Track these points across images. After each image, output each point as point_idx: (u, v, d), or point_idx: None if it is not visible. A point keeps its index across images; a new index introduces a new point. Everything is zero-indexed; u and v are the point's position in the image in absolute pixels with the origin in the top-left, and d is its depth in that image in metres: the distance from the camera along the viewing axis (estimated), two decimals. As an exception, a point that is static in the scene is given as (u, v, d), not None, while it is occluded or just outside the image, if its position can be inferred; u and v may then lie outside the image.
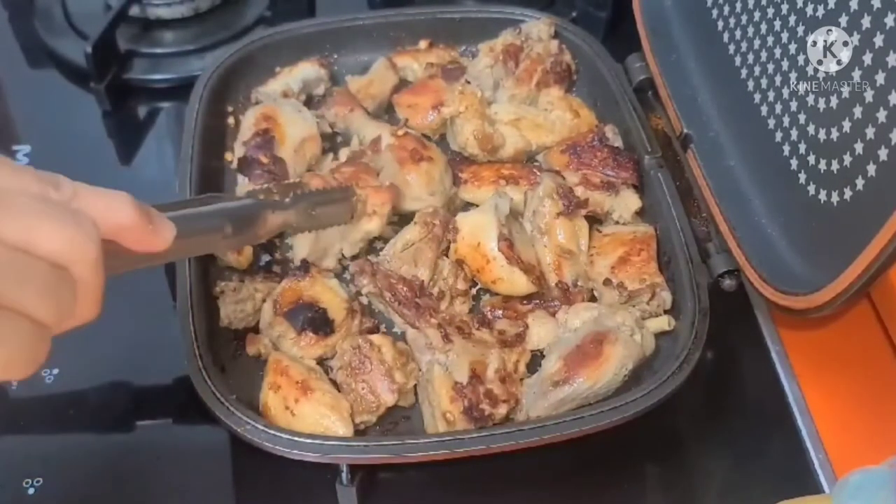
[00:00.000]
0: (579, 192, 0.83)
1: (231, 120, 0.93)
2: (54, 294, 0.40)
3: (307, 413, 0.69)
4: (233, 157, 0.90)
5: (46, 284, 0.40)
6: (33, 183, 0.42)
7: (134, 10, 1.05)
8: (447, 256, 0.80)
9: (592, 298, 0.79)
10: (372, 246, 0.83)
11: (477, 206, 0.83)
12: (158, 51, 1.05)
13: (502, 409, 0.70)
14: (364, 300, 0.79)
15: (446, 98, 0.89)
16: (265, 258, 0.82)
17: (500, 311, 0.77)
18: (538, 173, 0.85)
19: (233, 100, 0.94)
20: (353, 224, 0.79)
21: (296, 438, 0.66)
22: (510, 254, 0.77)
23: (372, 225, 0.80)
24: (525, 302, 0.78)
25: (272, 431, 0.66)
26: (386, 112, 0.95)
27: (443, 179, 0.85)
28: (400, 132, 0.87)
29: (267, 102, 0.90)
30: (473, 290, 0.80)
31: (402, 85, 0.95)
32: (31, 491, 0.70)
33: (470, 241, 0.79)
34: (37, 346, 0.40)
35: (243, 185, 0.84)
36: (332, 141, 0.92)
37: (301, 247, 0.80)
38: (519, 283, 0.77)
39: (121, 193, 0.45)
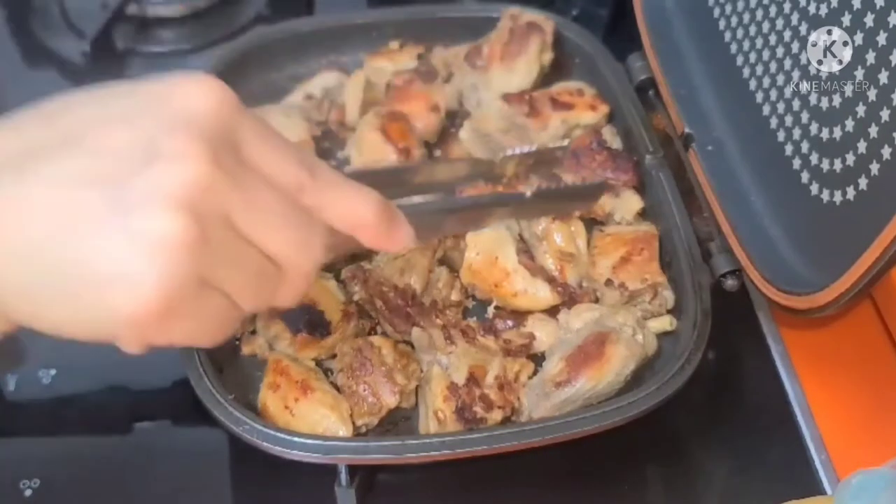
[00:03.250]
0: (579, 192, 0.83)
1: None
2: (260, 287, 0.42)
3: (307, 413, 0.69)
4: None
5: (257, 277, 0.42)
6: (290, 172, 0.43)
7: (131, 9, 1.04)
8: (443, 265, 0.80)
9: (597, 299, 0.78)
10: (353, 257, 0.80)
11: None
12: (156, 49, 1.05)
13: (496, 415, 0.69)
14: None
15: (437, 99, 0.89)
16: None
17: (510, 322, 0.76)
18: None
19: (231, 98, 0.93)
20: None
21: (294, 438, 0.65)
22: (532, 265, 0.76)
23: None
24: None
25: (270, 431, 0.66)
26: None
27: None
28: None
29: (253, 109, 0.89)
30: (470, 304, 0.79)
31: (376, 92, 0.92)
32: (27, 493, 0.70)
33: (486, 258, 0.77)
34: (227, 324, 0.43)
35: None
36: (319, 145, 0.90)
37: None
38: (542, 294, 0.76)
39: (369, 195, 0.46)
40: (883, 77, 0.62)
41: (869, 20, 0.63)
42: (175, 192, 0.38)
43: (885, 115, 0.62)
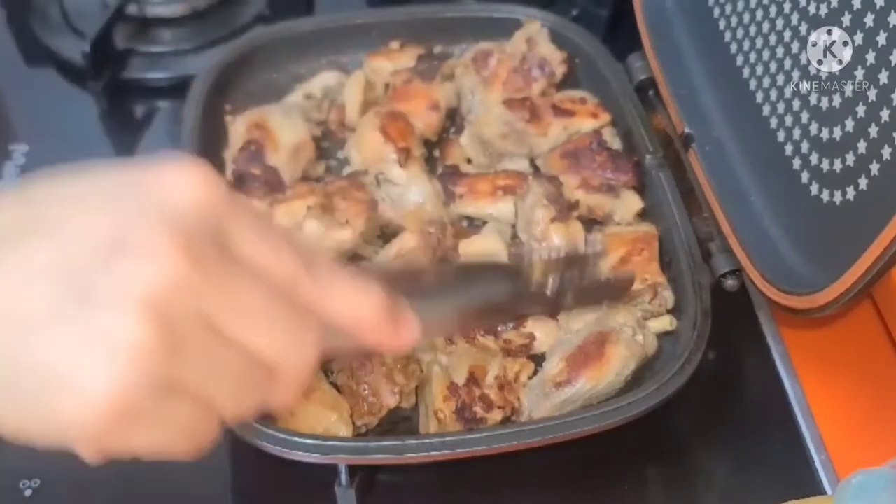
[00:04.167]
0: (579, 195, 0.83)
1: (230, 118, 0.92)
2: (243, 393, 0.38)
3: (307, 413, 0.69)
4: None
5: (239, 382, 0.37)
6: (284, 265, 0.39)
7: (131, 9, 1.04)
8: None
9: (598, 299, 0.78)
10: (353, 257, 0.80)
11: (477, 218, 0.84)
12: (156, 49, 1.04)
13: (496, 415, 0.69)
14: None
15: (437, 97, 0.89)
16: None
17: (510, 322, 0.76)
18: (531, 179, 0.84)
19: (231, 98, 0.93)
20: (324, 233, 0.78)
21: (294, 438, 0.65)
22: None
23: (343, 235, 0.78)
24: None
25: (270, 431, 0.65)
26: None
27: None
28: None
29: (253, 109, 0.89)
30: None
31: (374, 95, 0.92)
32: (28, 493, 0.70)
33: None
34: (205, 433, 0.38)
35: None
36: (319, 145, 0.90)
37: None
38: None
39: (371, 290, 0.41)
40: (883, 77, 0.62)
41: (869, 20, 0.63)
42: (142, 293, 0.34)
43: (885, 115, 0.62)
